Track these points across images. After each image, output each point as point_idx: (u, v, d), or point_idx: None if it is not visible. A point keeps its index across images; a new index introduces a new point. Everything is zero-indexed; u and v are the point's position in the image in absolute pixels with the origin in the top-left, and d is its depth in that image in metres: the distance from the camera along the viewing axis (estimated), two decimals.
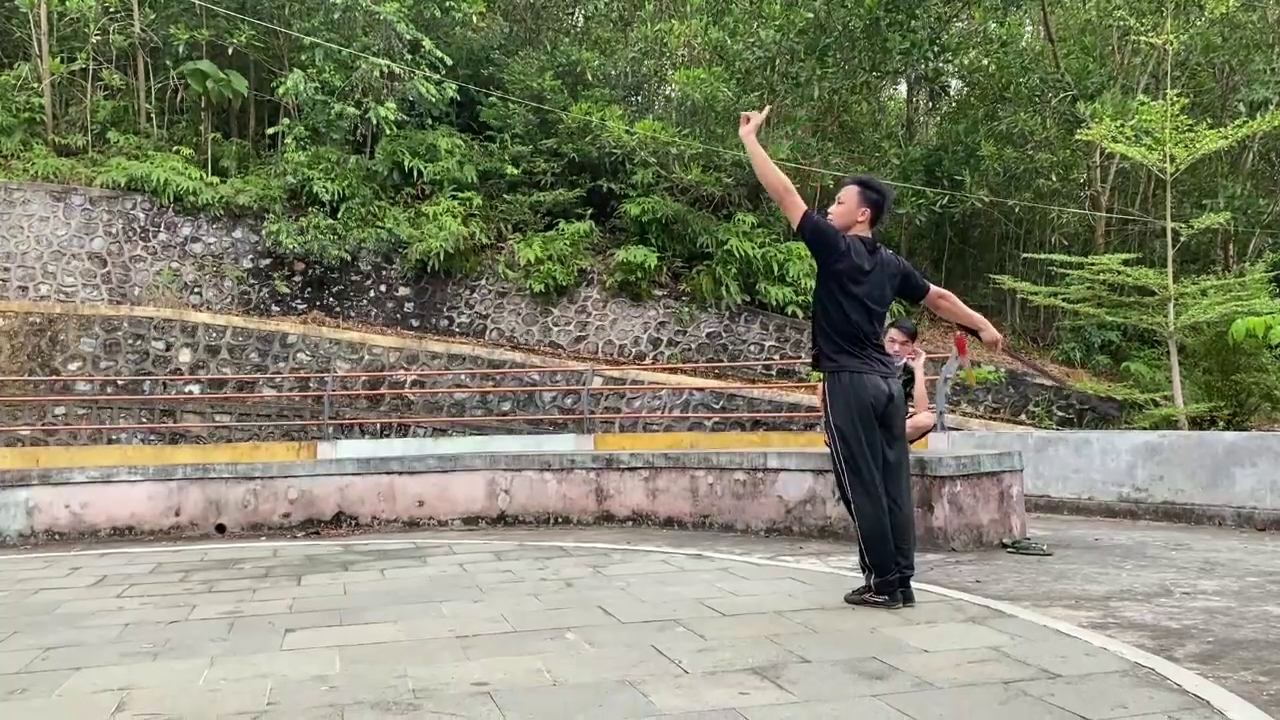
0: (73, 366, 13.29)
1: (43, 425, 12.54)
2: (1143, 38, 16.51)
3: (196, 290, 16.28)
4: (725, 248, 17.28)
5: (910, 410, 7.10)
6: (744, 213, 18.03)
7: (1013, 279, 17.57)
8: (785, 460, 7.69)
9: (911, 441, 7.15)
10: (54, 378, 13.01)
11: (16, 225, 15.61)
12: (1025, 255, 18.28)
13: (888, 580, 4.63)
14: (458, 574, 6.04)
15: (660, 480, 8.43)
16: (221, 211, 16.93)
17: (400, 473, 8.94)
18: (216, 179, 17.39)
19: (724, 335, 17.16)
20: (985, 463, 6.88)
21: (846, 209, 4.72)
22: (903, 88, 23.45)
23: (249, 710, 3.28)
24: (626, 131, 17.53)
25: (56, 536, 8.40)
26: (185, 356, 14.11)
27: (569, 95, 18.99)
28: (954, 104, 22.44)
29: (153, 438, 12.84)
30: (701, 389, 14.84)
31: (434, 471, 8.95)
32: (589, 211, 18.16)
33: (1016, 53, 21.15)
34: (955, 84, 21.93)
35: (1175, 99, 14.38)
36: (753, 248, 17.34)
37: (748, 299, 17.41)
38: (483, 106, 19.25)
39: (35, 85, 17.99)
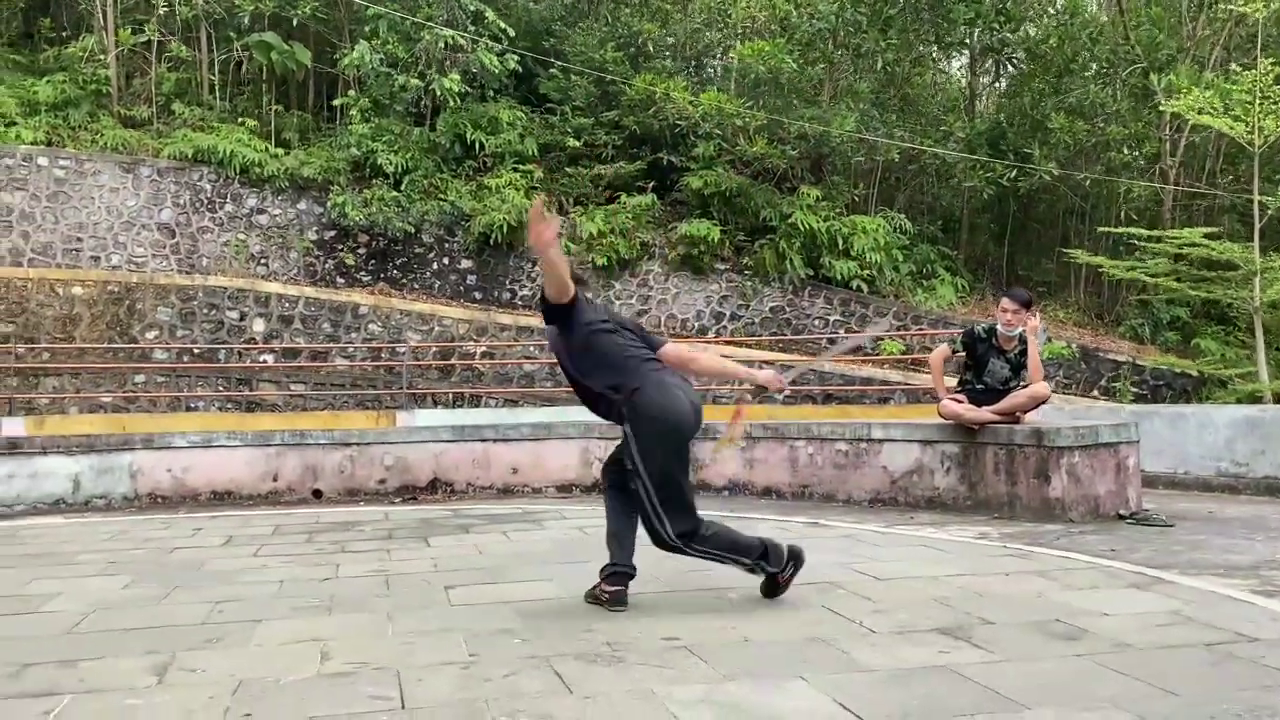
0: (150, 335, 13.44)
1: (123, 393, 12.70)
2: (1232, 6, 16.13)
3: (263, 261, 16.39)
4: (789, 221, 17.16)
5: (1024, 381, 7.03)
6: (808, 186, 17.88)
7: (1086, 253, 17.32)
8: (890, 431, 7.63)
9: (1026, 412, 7.09)
10: (133, 345, 13.16)
11: (88, 196, 15.77)
12: (1101, 229, 18.00)
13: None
14: (580, 537, 6.06)
15: (758, 450, 8.40)
16: (286, 183, 17.00)
17: (494, 440, 8.97)
18: (281, 151, 17.47)
19: (787, 310, 17.07)
20: (1103, 434, 6.80)
21: None
22: (964, 60, 23.13)
23: (454, 660, 3.30)
24: (691, 103, 17.41)
25: (159, 500, 8.51)
26: (259, 326, 14.23)
27: (630, 67, 18.88)
28: (1017, 77, 22.10)
29: (230, 405, 12.97)
30: (769, 362, 14.77)
31: (528, 439, 8.98)
32: (650, 185, 18.08)
33: (1081, 24, 20.78)
34: (1018, 56, 21.59)
35: (1270, 68, 14.07)
36: (817, 221, 17.21)
37: (811, 273, 17.30)
38: (543, 79, 19.19)
39: (101, 57, 18.11)
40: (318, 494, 8.77)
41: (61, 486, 8.31)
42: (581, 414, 10.42)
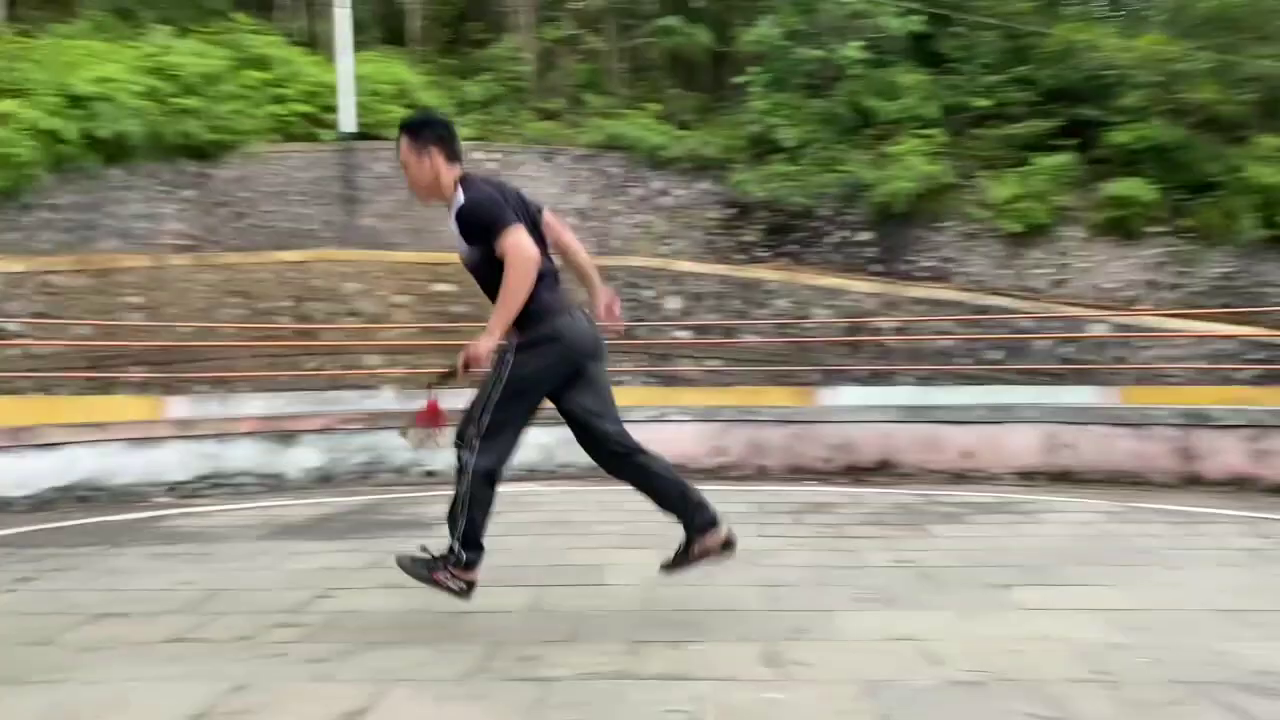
0: None
1: None
2: None
3: (668, 241, 16.93)
4: (1240, 175, 15.06)
5: None
6: (1264, 135, 15.59)
7: None
8: None
9: None
10: None
11: (516, 186, 17.05)
12: None
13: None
14: (1093, 534, 5.48)
15: (1269, 440, 7.30)
16: (689, 164, 17.43)
17: (945, 422, 8.52)
18: (683, 132, 17.94)
19: (1238, 276, 15.02)
20: None
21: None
22: None
23: (1075, 677, 2.94)
24: (1121, 50, 15.76)
25: None
26: (674, 304, 14.74)
27: (1044, 16, 17.45)
28: None
29: (650, 380, 13.49)
30: (1229, 337, 13.04)
31: (983, 422, 8.43)
32: (1070, 143, 16.61)
33: None
34: None
35: None
36: (1275, 174, 14.96)
37: (1270, 234, 15.09)
38: (944, 37, 18.23)
39: (521, 56, 19.54)
40: (763, 471, 8.78)
41: (535, 456, 8.94)
42: (1039, 395, 9.61)
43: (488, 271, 3.54)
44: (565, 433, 3.80)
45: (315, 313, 13.44)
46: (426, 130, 3.67)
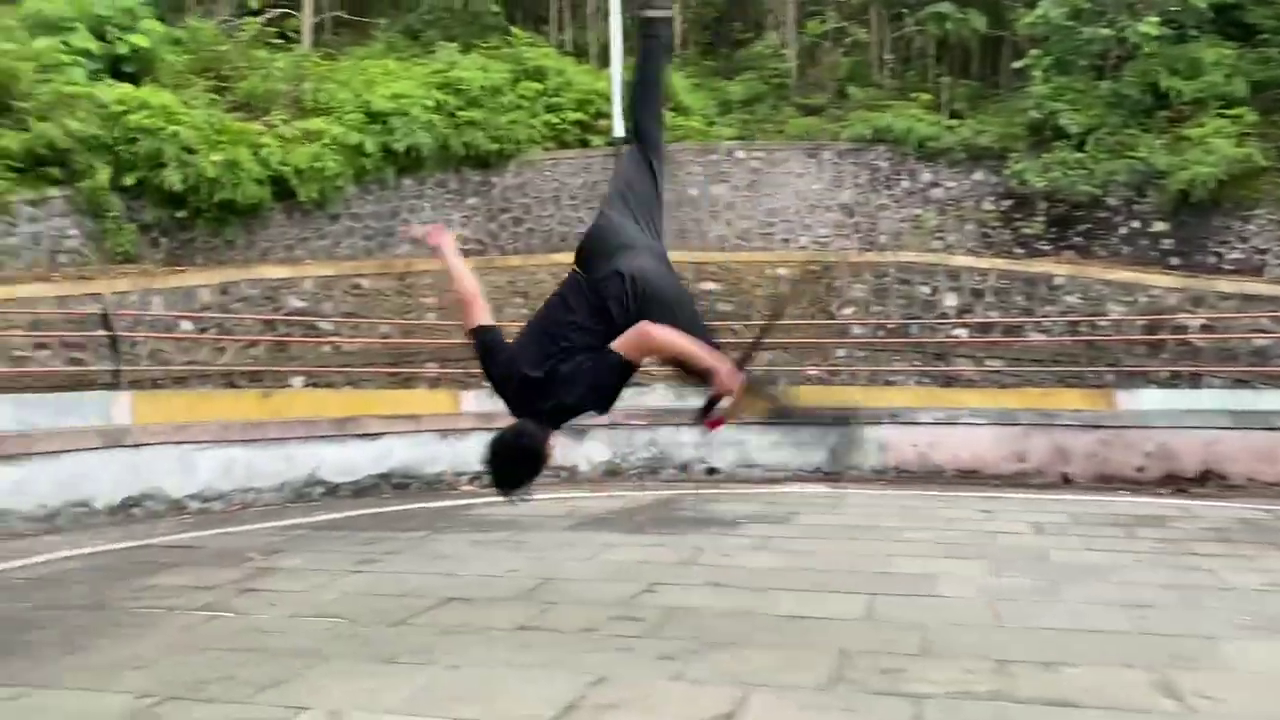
0: (847, 311, 13.97)
1: (828, 365, 13.35)
2: None
3: (939, 235, 16.25)
4: None
5: None
6: None
7: None
8: None
9: None
10: (831, 321, 13.76)
11: (779, 183, 16.90)
12: None
13: None
14: None
15: None
16: (962, 154, 16.65)
17: None
18: (955, 122, 17.17)
19: None
20: None
21: None
22: None
23: None
24: None
25: (904, 474, 8.57)
26: (951, 301, 14.13)
27: None
28: None
29: (926, 380, 13.00)
30: None
31: None
32: None
33: None
34: None
35: None
36: None
37: None
38: (1254, 6, 16.46)
39: (784, 52, 19.37)
40: (1066, 479, 8.19)
41: (821, 456, 8.75)
42: None
43: None
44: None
45: None
46: None
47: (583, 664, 3.18)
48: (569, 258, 3.71)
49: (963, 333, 13.75)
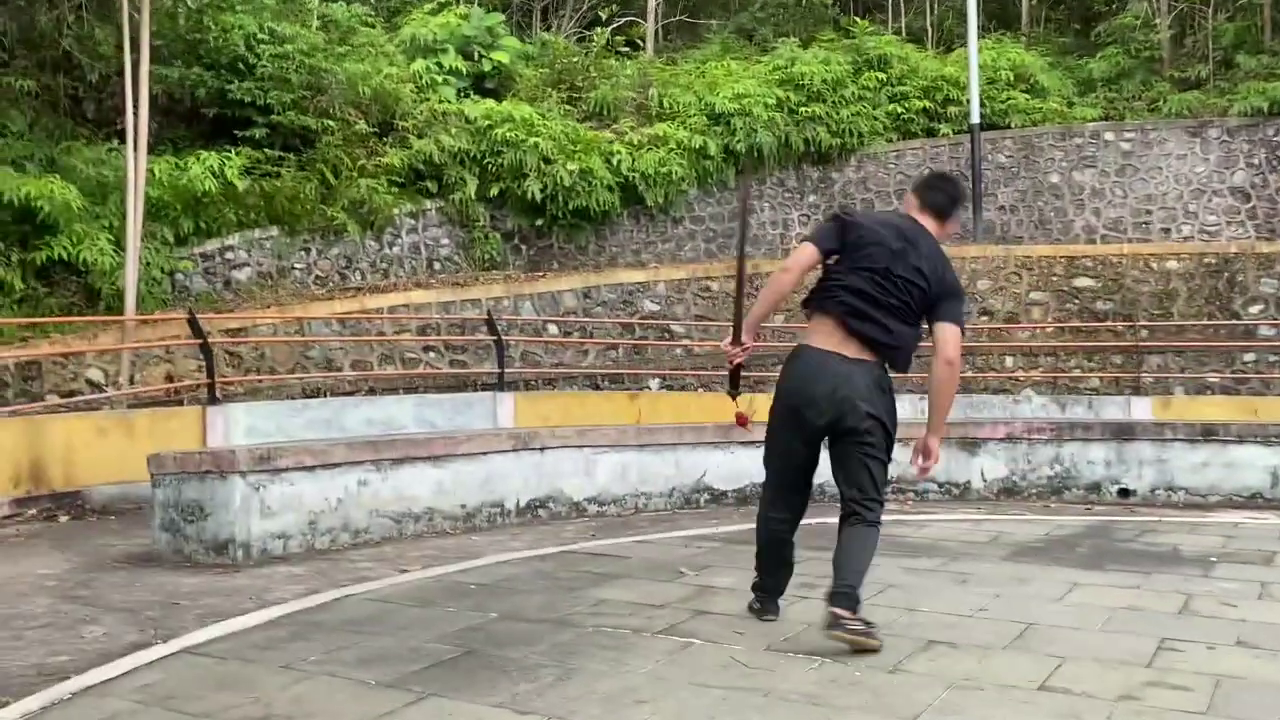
0: (1254, 310, 12.25)
1: (1230, 372, 11.75)
2: None
3: None
4: None
5: None
6: None
7: None
8: None
9: None
10: (1236, 322, 12.11)
11: (1154, 166, 15.22)
12: None
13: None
14: None
15: None
16: None
17: None
18: None
19: None
20: None
21: None
22: None
23: None
24: None
25: None
26: None
27: None
28: None
29: None
30: None
31: None
32: None
33: None
34: None
35: None
36: None
37: None
38: None
39: (1155, 22, 17.47)
40: None
41: (1258, 479, 7.56)
42: None
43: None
44: None
45: None
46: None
47: None
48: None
49: None
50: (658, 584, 4.70)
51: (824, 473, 3.87)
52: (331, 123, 12.56)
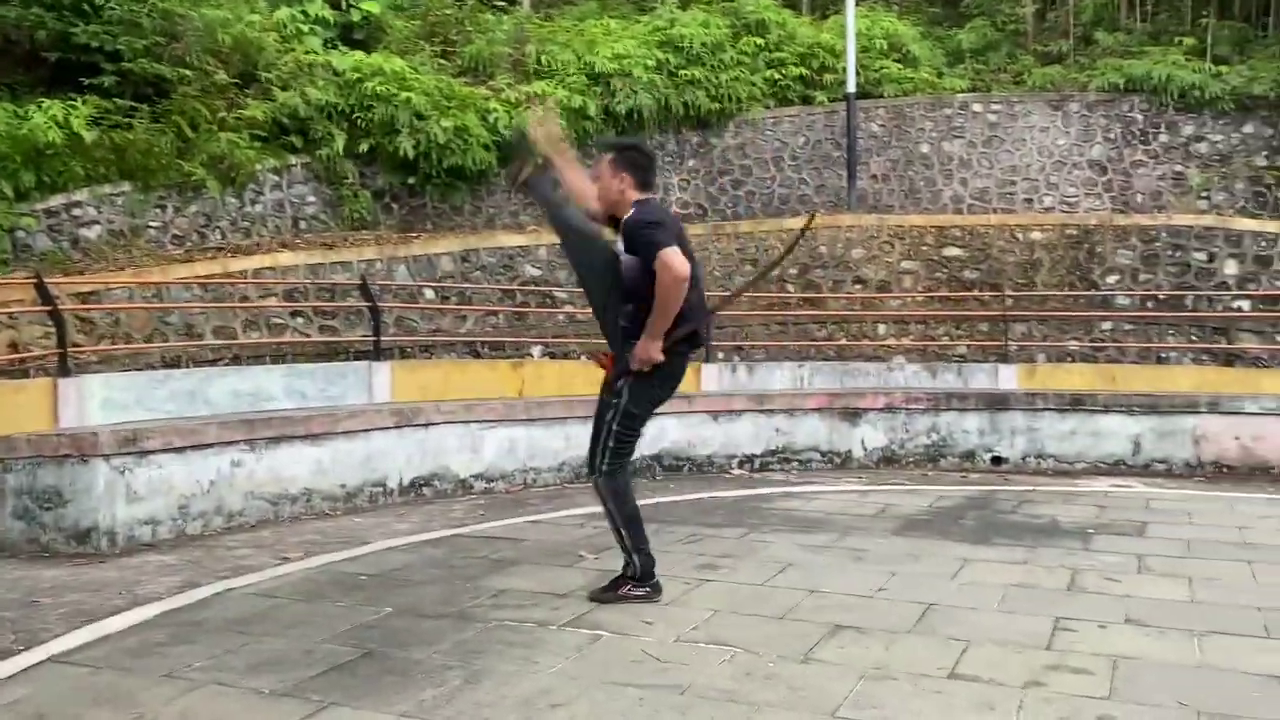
0: (1111, 280, 12.81)
1: (1089, 340, 12.30)
2: None
3: (1204, 195, 14.75)
4: None
5: None
6: None
7: None
8: None
9: None
10: (1094, 291, 12.66)
11: (1019, 138, 15.72)
12: None
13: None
14: None
15: None
16: (1230, 105, 15.04)
17: None
18: (1223, 69, 15.51)
19: None
20: None
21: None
22: None
23: None
24: None
25: (1224, 470, 7.66)
26: (1231, 269, 12.76)
27: None
28: None
29: (1204, 359, 11.79)
30: None
31: None
32: None
33: None
34: None
35: None
36: None
37: None
38: None
39: None
40: None
41: (1122, 447, 7.93)
42: None
43: (641, 283, 3.79)
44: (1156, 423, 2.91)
45: (822, 280, 13.22)
46: (626, 154, 4.10)
47: None
48: (797, 222, 3.58)
49: (1245, 305, 12.38)
50: (558, 570, 4.58)
51: (731, 445, 3.81)
52: (188, 72, 11.77)
